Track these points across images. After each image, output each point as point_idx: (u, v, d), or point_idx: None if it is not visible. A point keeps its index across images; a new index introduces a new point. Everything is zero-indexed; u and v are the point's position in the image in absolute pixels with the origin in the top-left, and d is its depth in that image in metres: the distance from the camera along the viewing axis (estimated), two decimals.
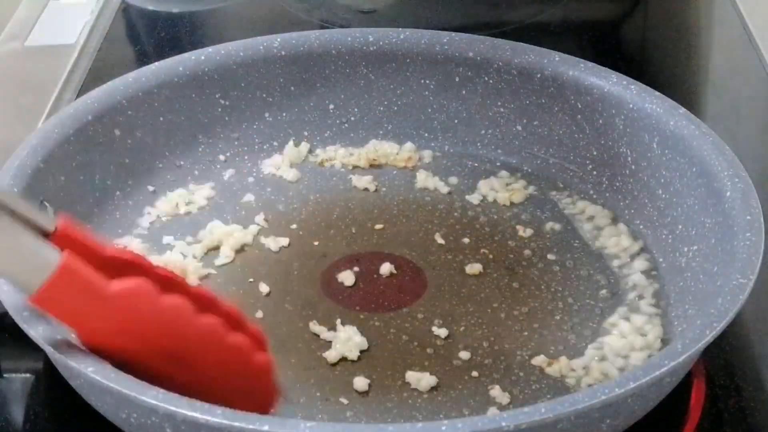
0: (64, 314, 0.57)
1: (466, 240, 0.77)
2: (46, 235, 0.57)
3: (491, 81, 0.83)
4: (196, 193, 0.81)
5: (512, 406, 0.64)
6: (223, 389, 0.59)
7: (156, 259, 0.75)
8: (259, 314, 0.71)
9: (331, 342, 0.68)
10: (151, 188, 0.80)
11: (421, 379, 0.66)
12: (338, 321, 0.69)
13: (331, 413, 0.64)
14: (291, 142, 0.84)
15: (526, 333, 0.70)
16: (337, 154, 0.84)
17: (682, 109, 0.76)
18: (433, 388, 0.66)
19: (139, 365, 0.58)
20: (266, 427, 0.54)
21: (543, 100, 0.82)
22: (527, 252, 0.76)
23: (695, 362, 0.65)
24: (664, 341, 0.69)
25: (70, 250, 0.56)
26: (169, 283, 0.59)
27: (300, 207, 0.80)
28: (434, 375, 0.66)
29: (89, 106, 0.77)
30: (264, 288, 0.73)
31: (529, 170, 0.83)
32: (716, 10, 1.07)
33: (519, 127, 0.83)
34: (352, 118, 0.85)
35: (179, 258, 0.74)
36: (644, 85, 0.78)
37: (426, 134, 0.85)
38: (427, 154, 0.84)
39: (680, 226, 0.73)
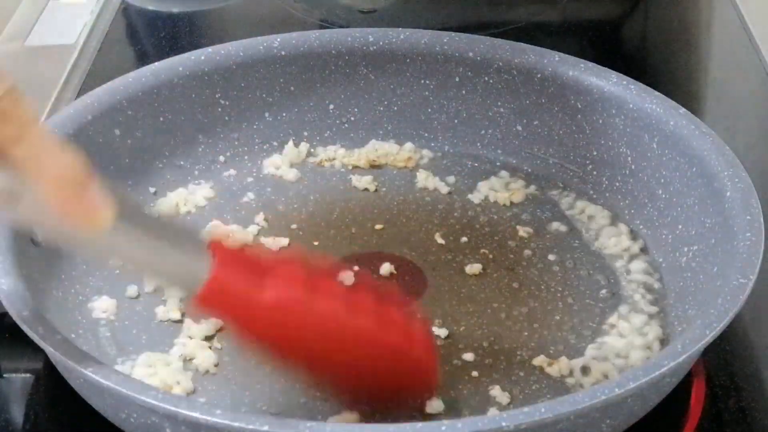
0: (223, 314, 0.61)
1: (466, 240, 0.77)
2: None
3: (491, 81, 0.83)
4: (196, 193, 0.81)
5: (512, 406, 0.64)
6: (382, 374, 0.62)
7: None
8: None
9: None
10: (151, 188, 0.80)
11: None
12: None
13: (330, 413, 0.64)
14: (291, 142, 0.84)
15: (526, 333, 0.70)
16: (337, 154, 0.84)
17: (682, 109, 0.76)
18: (433, 389, 0.65)
19: (297, 355, 0.61)
20: (266, 428, 0.54)
21: (543, 100, 0.82)
22: (527, 252, 0.76)
23: (695, 362, 0.66)
24: (664, 341, 0.69)
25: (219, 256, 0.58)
26: (319, 282, 0.61)
27: (300, 207, 0.80)
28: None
29: (89, 106, 0.77)
30: None
31: (529, 170, 0.83)
32: (716, 10, 1.07)
33: (519, 127, 0.83)
34: (352, 118, 0.85)
35: None
36: (644, 85, 0.78)
37: (426, 134, 0.85)
38: (427, 154, 0.84)
39: (680, 226, 0.73)
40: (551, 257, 0.75)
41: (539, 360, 0.67)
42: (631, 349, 0.68)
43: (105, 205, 0.55)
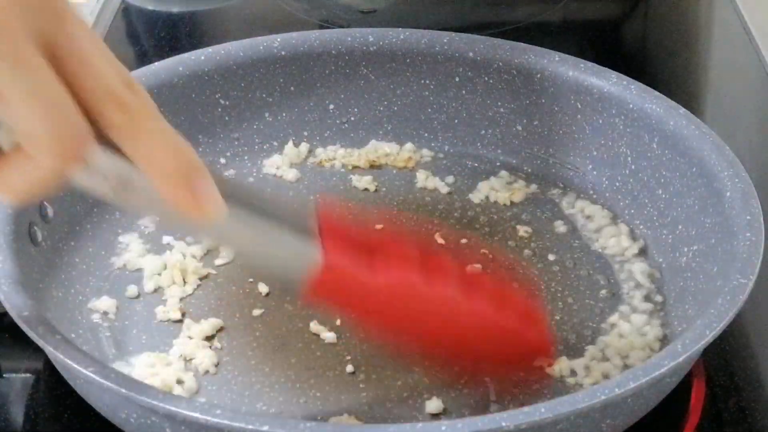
0: (334, 302, 0.61)
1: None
2: None
3: (491, 81, 0.83)
4: None
5: (512, 406, 0.64)
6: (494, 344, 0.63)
7: (156, 259, 0.75)
8: (259, 314, 0.71)
9: (330, 342, 0.68)
10: None
11: (421, 379, 0.66)
12: (338, 321, 0.69)
13: (330, 413, 0.64)
14: (291, 142, 0.84)
15: None
16: (337, 154, 0.84)
17: (682, 109, 0.76)
18: (433, 389, 0.65)
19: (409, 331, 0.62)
20: (266, 428, 0.54)
21: (543, 100, 0.81)
22: (527, 252, 0.76)
23: (695, 362, 0.66)
24: (664, 341, 0.69)
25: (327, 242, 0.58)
26: (431, 261, 0.61)
27: None
28: (434, 375, 0.66)
29: None
30: (264, 288, 0.72)
31: (529, 170, 0.83)
32: (716, 10, 1.07)
33: (519, 127, 0.83)
34: (352, 118, 0.85)
35: (179, 258, 0.74)
36: (644, 85, 0.78)
37: (426, 134, 0.85)
38: (427, 154, 0.84)
39: (680, 226, 0.73)
40: (551, 257, 0.75)
41: (539, 360, 0.67)
42: (631, 349, 0.68)
43: (217, 198, 0.54)
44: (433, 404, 0.64)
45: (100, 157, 0.52)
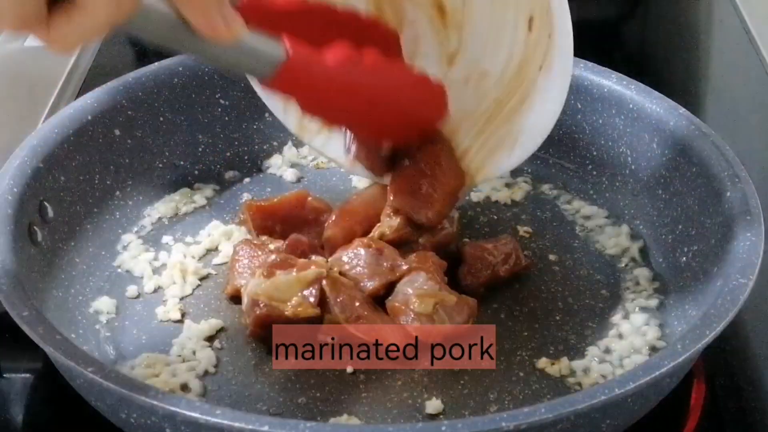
0: (294, 93, 0.65)
1: (466, 240, 0.77)
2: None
3: None
4: (197, 193, 0.81)
5: (512, 406, 0.64)
6: (406, 115, 0.71)
7: (156, 259, 0.75)
8: None
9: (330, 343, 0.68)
10: (151, 188, 0.80)
11: (421, 379, 0.66)
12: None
13: (330, 413, 0.64)
14: (291, 142, 0.84)
15: (526, 333, 0.70)
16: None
17: (682, 109, 0.76)
18: (433, 389, 0.66)
19: (340, 116, 0.69)
20: (266, 428, 0.54)
21: None
22: (527, 252, 0.76)
23: (695, 362, 0.66)
24: (664, 341, 0.69)
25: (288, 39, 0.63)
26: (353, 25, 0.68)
27: None
28: (434, 375, 0.66)
29: (89, 106, 0.77)
30: None
31: (529, 170, 0.83)
32: (716, 10, 1.07)
33: None
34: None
35: (179, 258, 0.75)
36: (644, 85, 0.78)
37: None
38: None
39: (680, 226, 0.73)
40: (551, 257, 0.75)
41: (540, 360, 0.67)
42: (631, 349, 0.68)
43: (239, 18, 0.59)
44: (433, 404, 0.64)
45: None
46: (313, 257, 0.70)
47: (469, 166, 0.73)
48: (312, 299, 0.67)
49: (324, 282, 0.67)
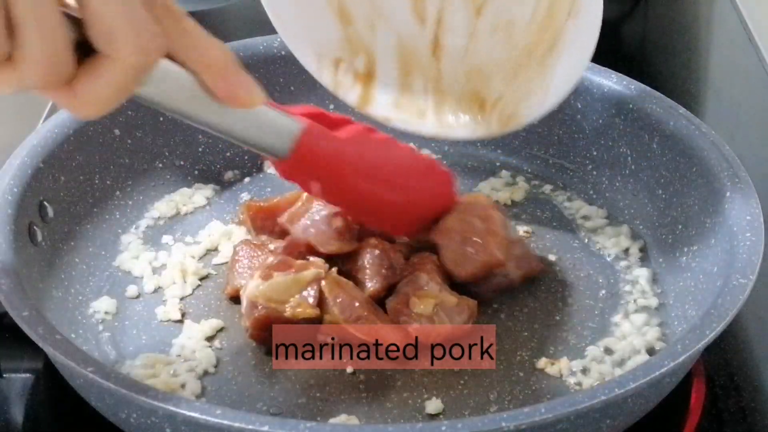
0: (312, 171, 0.66)
1: None
2: None
3: None
4: (196, 193, 0.81)
5: (512, 406, 0.64)
6: (419, 202, 0.71)
7: (156, 259, 0.75)
8: None
9: (330, 343, 0.68)
10: (151, 188, 0.80)
11: (421, 379, 0.66)
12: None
13: (330, 413, 0.64)
14: None
15: (526, 333, 0.70)
16: None
17: (682, 109, 0.76)
18: (433, 389, 0.66)
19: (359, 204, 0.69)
20: (266, 428, 0.54)
21: None
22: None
23: (695, 362, 0.66)
24: (664, 341, 0.69)
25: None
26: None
27: None
28: (434, 375, 0.66)
29: None
30: None
31: (529, 170, 0.83)
32: (716, 10, 1.07)
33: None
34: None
35: (179, 258, 0.75)
36: (644, 85, 0.78)
37: None
38: (426, 154, 0.84)
39: (680, 226, 0.73)
40: (551, 257, 0.75)
41: (539, 360, 0.67)
42: (631, 349, 0.68)
43: (255, 85, 0.58)
44: (433, 404, 0.64)
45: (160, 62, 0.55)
46: (311, 258, 0.70)
47: (501, 114, 0.73)
48: (311, 300, 0.67)
49: (323, 282, 0.67)
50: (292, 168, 0.65)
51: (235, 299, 0.71)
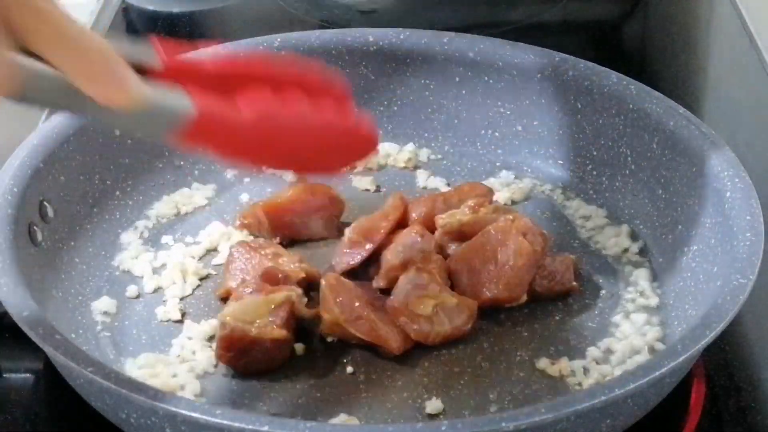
0: (206, 146, 0.61)
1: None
2: (154, 73, 0.59)
3: (491, 81, 0.83)
4: (196, 193, 0.81)
5: (512, 406, 0.64)
6: (329, 153, 0.66)
7: (155, 259, 0.75)
8: None
9: (331, 342, 0.68)
10: (151, 188, 0.80)
11: (421, 379, 0.66)
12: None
13: (330, 413, 0.64)
14: None
15: (526, 333, 0.70)
16: None
17: (682, 109, 0.76)
18: (433, 389, 0.66)
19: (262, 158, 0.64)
20: (266, 428, 0.54)
21: (543, 100, 0.81)
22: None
23: (695, 362, 0.66)
24: (664, 341, 0.68)
25: (191, 88, 0.59)
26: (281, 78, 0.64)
27: None
28: (434, 375, 0.66)
29: None
30: None
31: (530, 170, 0.83)
32: (716, 10, 1.07)
33: (519, 127, 0.83)
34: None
35: (179, 258, 0.74)
36: (644, 85, 0.78)
37: (426, 134, 0.85)
38: (426, 154, 0.84)
39: (680, 226, 0.73)
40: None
41: (539, 360, 0.67)
42: (631, 349, 0.68)
43: (138, 82, 0.55)
44: (433, 404, 0.64)
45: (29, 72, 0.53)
46: (287, 287, 0.69)
47: None
48: (279, 321, 0.66)
49: (323, 282, 0.67)
50: (180, 142, 0.61)
51: (227, 300, 0.70)
